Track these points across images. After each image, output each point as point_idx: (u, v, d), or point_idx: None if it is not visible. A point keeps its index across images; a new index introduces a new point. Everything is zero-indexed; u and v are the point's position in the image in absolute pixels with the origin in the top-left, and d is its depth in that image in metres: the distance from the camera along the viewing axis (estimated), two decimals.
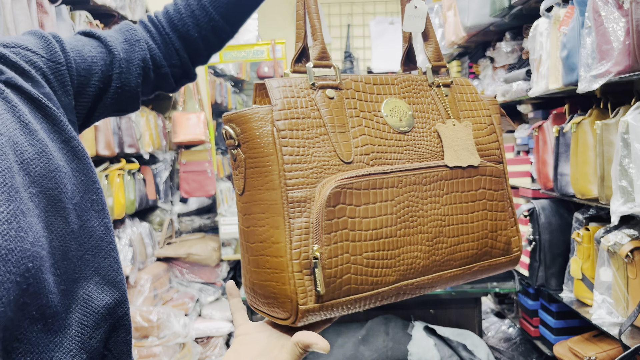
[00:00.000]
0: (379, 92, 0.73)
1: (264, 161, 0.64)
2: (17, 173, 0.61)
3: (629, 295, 1.95)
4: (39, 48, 0.76)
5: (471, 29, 3.23)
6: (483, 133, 0.79)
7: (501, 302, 3.34)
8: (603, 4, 1.77)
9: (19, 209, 0.59)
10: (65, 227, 0.67)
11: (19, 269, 0.56)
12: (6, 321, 0.55)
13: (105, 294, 0.71)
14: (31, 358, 0.60)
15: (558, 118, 2.49)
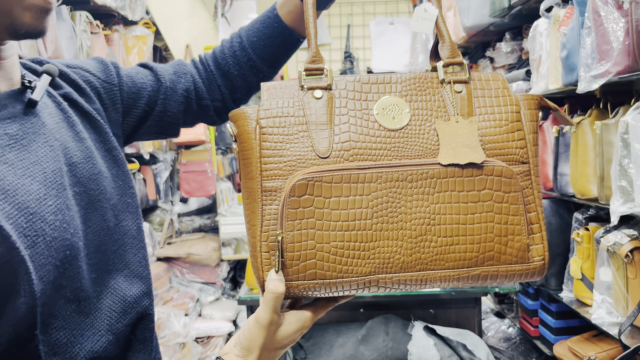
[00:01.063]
0: (375, 91, 0.75)
1: (247, 154, 0.72)
2: (65, 173, 0.72)
3: (628, 295, 1.96)
4: (97, 71, 0.90)
5: (471, 29, 3.23)
6: (502, 130, 0.74)
7: (501, 302, 3.34)
8: (603, 4, 1.78)
9: (65, 204, 0.70)
10: (102, 224, 0.77)
11: (59, 254, 0.66)
12: (45, 298, 0.63)
13: (133, 286, 0.80)
14: (64, 334, 0.68)
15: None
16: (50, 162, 0.70)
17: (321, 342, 2.43)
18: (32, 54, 2.58)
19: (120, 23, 3.75)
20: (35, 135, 0.70)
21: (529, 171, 0.75)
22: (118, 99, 0.91)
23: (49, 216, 0.66)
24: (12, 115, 0.69)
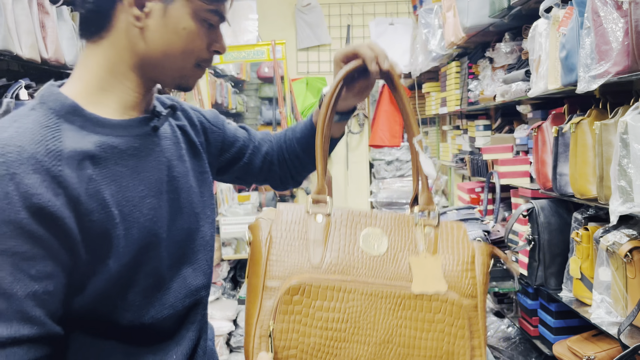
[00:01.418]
0: (362, 222, 0.92)
1: (257, 257, 0.86)
2: (165, 183, 0.96)
3: (627, 294, 1.96)
4: (210, 117, 1.19)
5: (470, 30, 3.23)
6: (458, 269, 0.91)
7: (500, 302, 3.35)
8: (602, 5, 1.78)
9: (159, 204, 0.93)
10: (185, 226, 1.00)
11: (147, 238, 0.90)
12: (129, 267, 0.87)
13: (198, 278, 1.02)
14: (139, 298, 0.90)
15: (557, 118, 2.50)
16: (155, 172, 0.94)
17: None
18: (33, 55, 2.59)
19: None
20: (151, 151, 0.95)
21: (477, 305, 0.89)
22: (219, 140, 1.19)
23: (145, 210, 0.90)
24: (140, 133, 0.94)
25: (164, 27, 0.90)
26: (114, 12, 0.89)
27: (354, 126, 5.38)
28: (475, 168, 3.66)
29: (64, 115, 0.86)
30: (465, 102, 3.86)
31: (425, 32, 4.28)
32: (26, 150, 0.78)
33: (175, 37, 0.92)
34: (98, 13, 0.90)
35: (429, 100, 5.03)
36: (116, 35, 0.90)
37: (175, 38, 0.92)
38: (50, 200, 0.77)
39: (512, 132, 3.32)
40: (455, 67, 4.07)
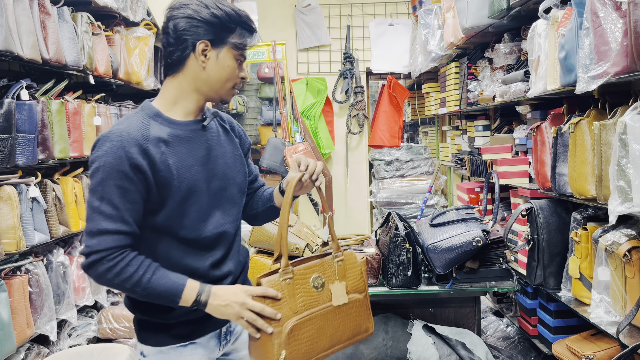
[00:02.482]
0: (310, 272, 1.55)
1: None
2: (207, 158, 1.56)
3: (626, 294, 1.97)
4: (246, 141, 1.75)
5: (470, 31, 3.24)
6: (356, 280, 1.63)
7: (500, 301, 3.36)
8: (601, 6, 1.79)
9: (201, 170, 1.54)
10: (219, 186, 1.58)
11: (191, 189, 1.49)
12: (183, 202, 1.48)
13: (225, 219, 1.59)
14: (188, 224, 1.50)
15: (556, 118, 2.51)
16: (201, 151, 1.54)
17: None
18: (34, 55, 2.60)
19: (121, 24, 3.76)
20: (199, 139, 1.55)
21: (366, 295, 1.65)
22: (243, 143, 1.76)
23: (192, 173, 1.50)
24: (194, 128, 1.55)
25: (217, 65, 1.51)
26: (188, 59, 1.50)
27: (354, 126, 5.39)
28: (474, 168, 3.67)
29: (152, 116, 1.51)
30: (465, 103, 3.87)
31: (424, 33, 4.29)
32: (131, 135, 1.43)
33: (222, 71, 1.52)
34: (179, 62, 1.51)
35: (429, 101, 5.04)
36: (187, 72, 1.52)
37: (222, 72, 1.52)
38: (140, 161, 1.42)
39: (511, 133, 3.33)
40: (455, 67, 4.08)
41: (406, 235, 2.34)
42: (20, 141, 2.52)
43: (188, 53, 1.49)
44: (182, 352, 1.56)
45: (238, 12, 1.52)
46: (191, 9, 1.48)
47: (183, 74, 1.51)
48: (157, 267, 1.44)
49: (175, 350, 1.56)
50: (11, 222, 2.46)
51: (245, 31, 1.53)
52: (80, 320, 3.19)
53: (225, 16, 1.49)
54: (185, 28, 1.48)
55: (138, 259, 1.42)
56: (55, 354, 2.56)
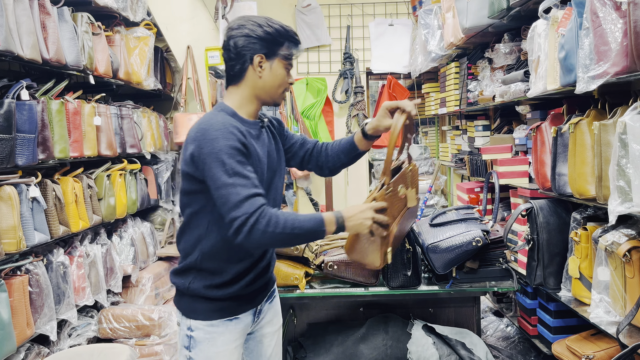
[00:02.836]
0: (399, 183, 1.89)
1: None
2: (265, 152, 1.84)
3: (626, 294, 1.97)
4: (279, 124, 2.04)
5: (470, 31, 3.24)
6: (417, 186, 1.98)
7: (500, 301, 3.36)
8: (601, 6, 1.79)
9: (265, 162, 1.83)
10: (269, 175, 1.86)
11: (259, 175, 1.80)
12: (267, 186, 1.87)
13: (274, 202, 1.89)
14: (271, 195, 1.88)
15: (556, 119, 2.51)
16: (264, 148, 1.83)
17: (321, 341, 2.44)
18: (34, 55, 2.60)
19: (121, 24, 3.76)
20: (260, 137, 1.84)
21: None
22: (285, 136, 2.05)
23: (262, 165, 1.80)
24: (257, 127, 1.84)
25: (270, 75, 1.81)
26: (247, 72, 1.80)
27: (354, 126, 5.39)
28: (474, 168, 3.67)
29: (231, 115, 1.78)
30: (465, 103, 3.87)
31: (424, 33, 4.29)
32: (230, 122, 1.71)
33: (275, 79, 1.82)
34: (240, 73, 1.80)
35: (429, 101, 5.04)
36: (247, 81, 1.81)
37: (275, 79, 1.82)
38: (244, 141, 1.70)
39: (511, 133, 3.33)
40: (455, 67, 4.08)
41: (405, 235, 2.34)
42: (20, 141, 2.53)
43: (247, 66, 1.79)
44: (227, 325, 1.82)
45: (285, 28, 1.82)
46: (247, 28, 1.78)
47: (244, 83, 1.81)
48: (292, 212, 1.72)
49: (223, 323, 1.82)
50: (11, 222, 2.46)
51: (292, 44, 1.83)
52: (80, 320, 3.19)
53: (276, 32, 1.80)
54: (243, 45, 1.78)
55: (278, 210, 1.70)
56: (55, 354, 2.56)
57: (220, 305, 1.81)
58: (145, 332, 3.36)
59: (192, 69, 4.41)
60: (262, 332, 1.98)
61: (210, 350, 1.80)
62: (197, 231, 1.78)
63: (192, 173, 1.70)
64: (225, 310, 1.81)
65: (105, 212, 3.39)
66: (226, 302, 1.81)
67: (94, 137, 3.22)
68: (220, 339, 1.81)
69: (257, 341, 1.99)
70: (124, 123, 3.67)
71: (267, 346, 1.99)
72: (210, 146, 1.65)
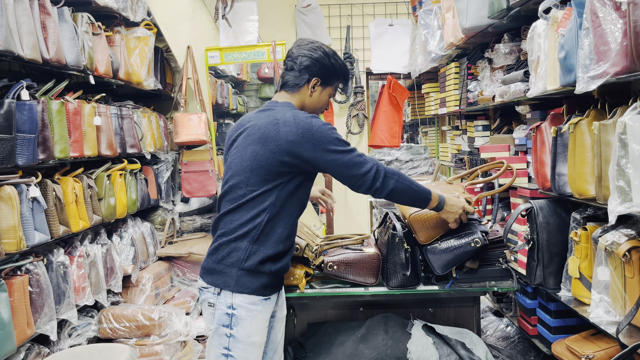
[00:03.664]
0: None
1: None
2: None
3: (626, 294, 1.97)
4: None
5: (470, 31, 3.24)
6: None
7: (499, 301, 3.36)
8: (601, 6, 1.79)
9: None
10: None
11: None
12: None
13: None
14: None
15: (556, 119, 2.51)
16: None
17: (321, 341, 2.44)
18: (34, 55, 2.60)
19: (121, 24, 3.76)
20: None
21: None
22: None
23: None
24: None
25: (318, 97, 2.15)
26: (302, 87, 2.12)
27: (354, 127, 5.39)
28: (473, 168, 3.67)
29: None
30: (465, 103, 3.87)
31: (424, 33, 4.30)
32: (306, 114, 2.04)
33: (320, 101, 2.17)
34: (295, 86, 2.13)
35: (428, 101, 5.04)
36: (300, 94, 2.13)
37: (320, 102, 2.17)
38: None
39: (511, 133, 3.33)
40: (455, 67, 4.08)
41: (404, 235, 2.35)
42: (20, 141, 2.53)
43: (304, 83, 2.11)
44: (264, 304, 1.99)
45: (345, 66, 2.18)
46: (319, 53, 2.12)
47: (298, 94, 2.13)
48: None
49: (261, 302, 1.98)
50: (11, 222, 2.46)
51: (345, 80, 2.20)
52: (81, 320, 3.19)
53: (339, 67, 2.14)
54: (308, 66, 2.10)
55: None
56: (55, 353, 2.56)
57: (264, 280, 1.98)
58: (145, 332, 3.36)
59: (192, 69, 4.41)
60: (275, 317, 2.14)
61: (252, 327, 1.96)
62: (263, 205, 1.99)
63: (288, 159, 1.97)
64: (266, 288, 1.99)
65: (106, 212, 3.39)
66: (270, 277, 1.99)
67: (94, 137, 3.22)
68: (259, 316, 1.98)
69: (271, 327, 2.12)
70: (124, 123, 3.67)
71: (277, 331, 2.15)
72: (324, 129, 1.98)
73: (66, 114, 2.93)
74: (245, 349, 1.96)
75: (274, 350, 2.14)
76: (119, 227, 3.80)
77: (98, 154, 3.30)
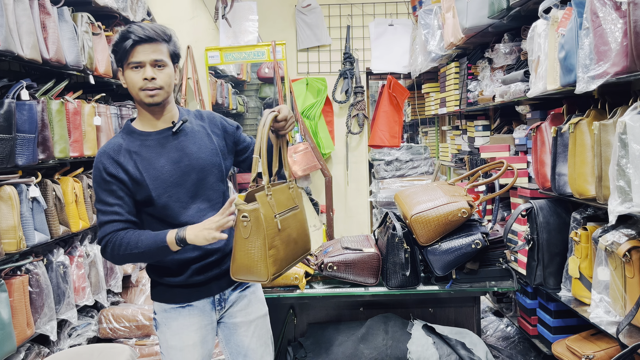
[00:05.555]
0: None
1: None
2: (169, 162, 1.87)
3: (626, 294, 1.97)
4: (230, 123, 2.09)
5: (470, 31, 3.24)
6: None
7: (500, 301, 3.36)
8: (601, 6, 1.79)
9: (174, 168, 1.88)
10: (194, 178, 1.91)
11: (168, 184, 1.85)
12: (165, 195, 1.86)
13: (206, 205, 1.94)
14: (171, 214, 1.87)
15: (556, 119, 2.51)
16: (172, 153, 1.91)
17: (321, 341, 2.44)
18: (34, 55, 2.60)
19: (121, 24, 3.76)
20: (167, 144, 1.91)
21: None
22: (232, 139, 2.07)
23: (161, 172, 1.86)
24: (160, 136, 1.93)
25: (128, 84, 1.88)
26: None
27: (354, 127, 5.39)
28: (474, 168, 3.67)
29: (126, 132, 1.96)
30: (465, 103, 3.87)
31: (424, 33, 4.29)
32: (103, 152, 1.87)
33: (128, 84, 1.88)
34: None
35: (429, 101, 5.04)
36: None
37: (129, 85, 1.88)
38: (113, 170, 1.81)
39: (511, 133, 3.33)
40: (455, 67, 4.08)
41: (404, 235, 2.34)
42: (20, 141, 2.53)
43: None
44: (180, 312, 1.94)
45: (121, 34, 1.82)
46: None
47: None
48: (143, 232, 1.82)
49: (176, 310, 1.94)
50: (11, 222, 2.46)
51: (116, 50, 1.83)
52: (80, 320, 3.19)
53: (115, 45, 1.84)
54: None
55: (130, 232, 1.81)
56: (55, 354, 2.56)
57: (172, 291, 1.93)
58: (145, 332, 3.36)
59: (192, 69, 4.41)
60: (233, 321, 2.02)
61: (167, 333, 1.95)
62: None
63: None
64: (177, 296, 1.94)
65: None
66: (176, 288, 1.93)
67: (94, 137, 3.22)
68: (174, 323, 1.94)
69: (230, 330, 2.03)
70: (124, 123, 3.67)
71: (242, 336, 2.02)
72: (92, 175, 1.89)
73: (66, 114, 2.93)
74: (166, 351, 1.98)
75: (243, 354, 2.03)
76: None
77: None
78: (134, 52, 1.80)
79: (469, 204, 2.25)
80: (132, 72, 1.82)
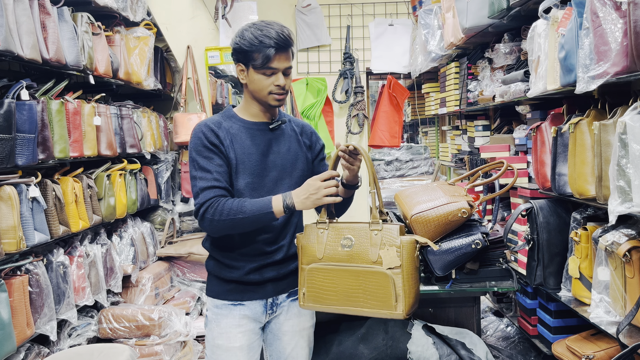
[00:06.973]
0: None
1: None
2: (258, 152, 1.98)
3: (626, 294, 1.97)
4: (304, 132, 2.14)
5: (470, 31, 3.24)
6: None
7: (500, 301, 3.36)
8: (601, 5, 1.79)
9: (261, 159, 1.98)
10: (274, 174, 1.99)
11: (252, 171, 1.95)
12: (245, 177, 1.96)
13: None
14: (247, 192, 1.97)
15: (556, 119, 2.51)
16: (263, 146, 1.98)
17: (321, 341, 2.44)
18: (34, 55, 2.60)
19: (121, 24, 3.76)
20: (262, 136, 2.00)
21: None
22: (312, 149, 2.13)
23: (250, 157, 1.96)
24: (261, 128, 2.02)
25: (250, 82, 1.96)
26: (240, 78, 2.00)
27: (354, 126, 5.39)
28: (474, 168, 3.67)
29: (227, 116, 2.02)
30: (465, 103, 3.87)
31: (424, 33, 4.29)
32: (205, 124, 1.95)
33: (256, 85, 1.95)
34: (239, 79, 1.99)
35: (429, 101, 5.04)
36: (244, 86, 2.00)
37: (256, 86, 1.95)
38: (214, 139, 1.89)
39: (511, 133, 3.33)
40: (455, 67, 4.08)
41: None
42: (20, 141, 2.53)
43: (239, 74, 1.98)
44: (232, 310, 1.97)
45: (258, 38, 1.85)
46: (234, 40, 1.94)
47: (244, 87, 2.00)
48: (244, 199, 1.87)
49: (227, 307, 1.97)
50: (11, 222, 2.46)
51: (259, 50, 1.86)
52: (80, 320, 3.19)
53: (246, 44, 1.88)
54: (232, 54, 1.97)
55: (231, 199, 1.85)
56: (55, 354, 2.56)
57: (227, 286, 1.97)
58: (145, 332, 3.36)
59: (192, 69, 4.41)
60: (281, 329, 2.06)
61: (215, 330, 1.98)
62: None
63: None
64: (231, 293, 1.97)
65: (105, 212, 3.38)
66: (232, 284, 1.97)
67: (94, 137, 3.22)
68: (224, 321, 1.97)
69: (276, 336, 2.06)
70: (124, 123, 3.67)
71: (286, 344, 2.07)
72: (190, 144, 1.94)
73: (66, 114, 2.93)
74: (211, 349, 2.01)
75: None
76: (119, 227, 3.80)
77: (98, 154, 3.29)
78: (273, 59, 1.87)
79: (469, 204, 2.24)
80: (264, 76, 1.89)
